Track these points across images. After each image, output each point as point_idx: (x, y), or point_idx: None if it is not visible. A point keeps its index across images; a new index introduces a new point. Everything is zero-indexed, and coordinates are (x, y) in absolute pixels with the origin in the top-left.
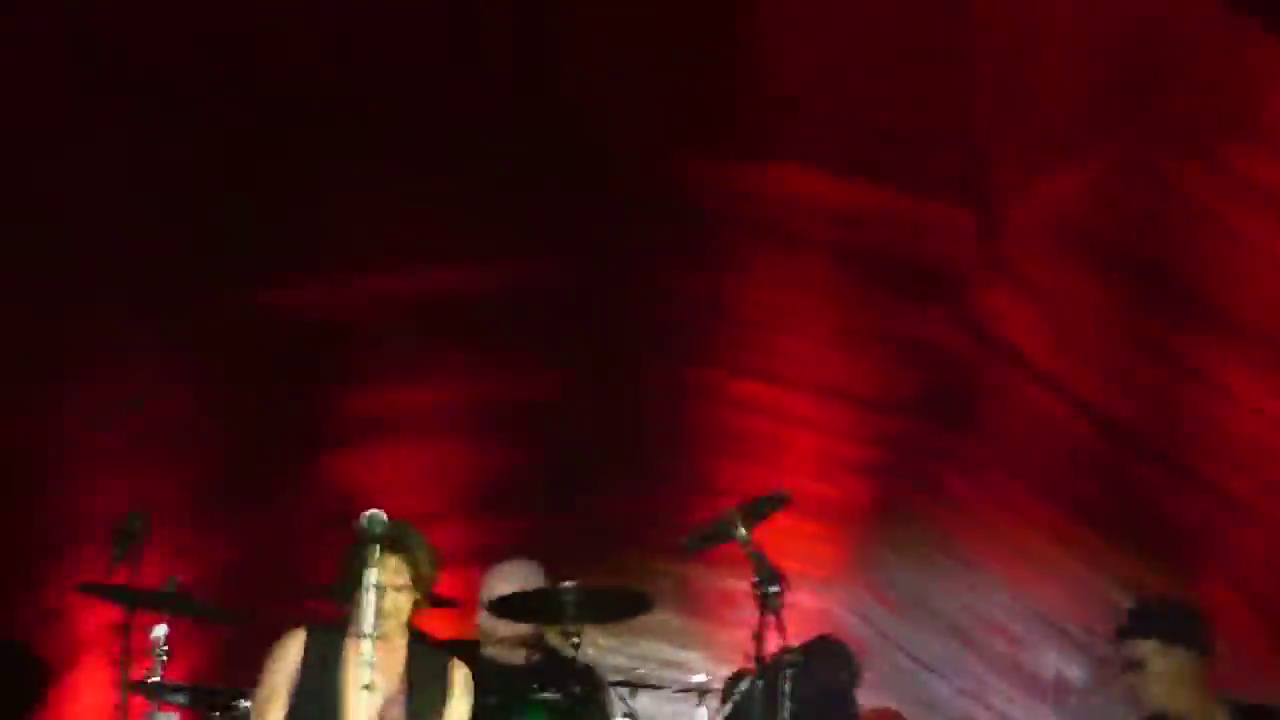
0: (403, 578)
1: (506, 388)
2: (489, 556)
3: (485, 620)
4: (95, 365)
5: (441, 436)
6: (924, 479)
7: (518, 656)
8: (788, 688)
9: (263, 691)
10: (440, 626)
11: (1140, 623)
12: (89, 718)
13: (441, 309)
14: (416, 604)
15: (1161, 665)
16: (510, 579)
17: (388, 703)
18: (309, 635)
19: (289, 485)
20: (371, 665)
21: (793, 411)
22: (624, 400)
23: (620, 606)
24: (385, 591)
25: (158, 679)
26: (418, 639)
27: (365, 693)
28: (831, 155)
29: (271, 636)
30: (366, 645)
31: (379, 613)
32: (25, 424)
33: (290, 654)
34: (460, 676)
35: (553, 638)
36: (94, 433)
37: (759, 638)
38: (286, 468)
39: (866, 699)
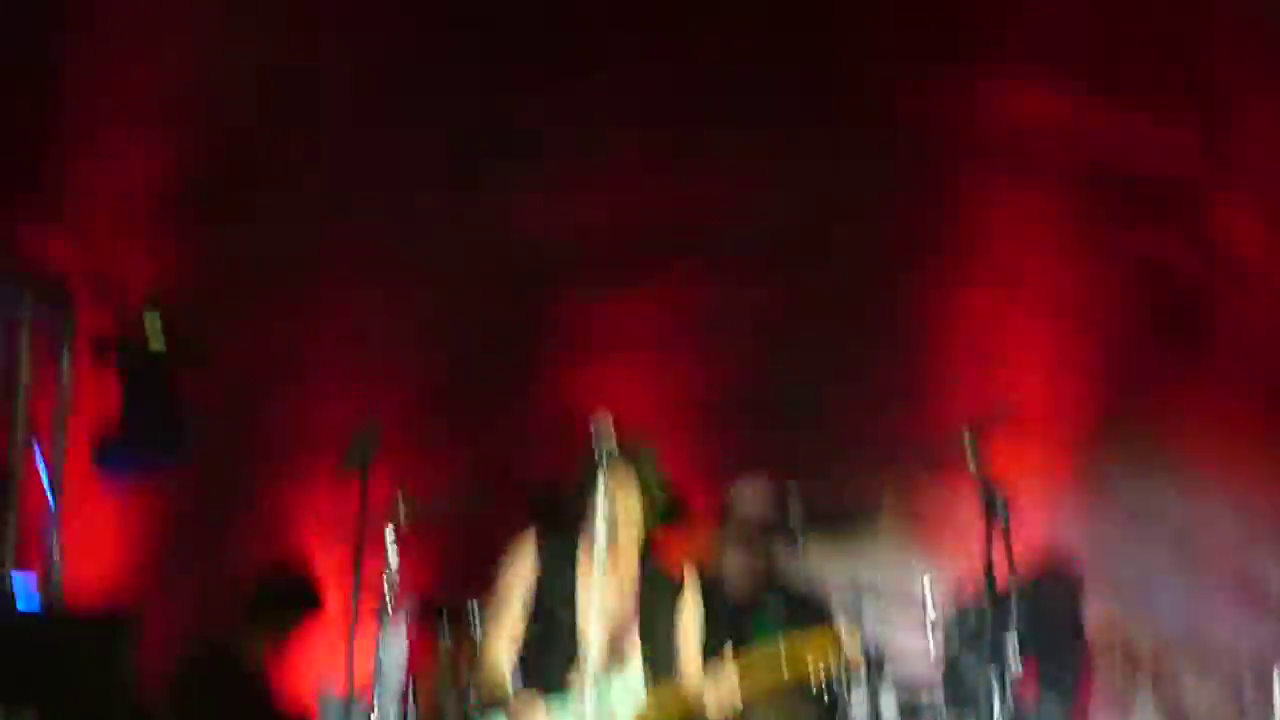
0: (632, 485)
1: (734, 301)
2: (716, 472)
3: (720, 538)
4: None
5: (667, 350)
6: (1151, 394)
7: (749, 576)
8: (1014, 609)
9: (497, 599)
10: (671, 544)
11: None
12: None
13: (668, 222)
14: (646, 516)
15: None
16: (746, 499)
17: (620, 612)
18: (541, 542)
19: (514, 400)
20: (603, 571)
21: (1022, 327)
22: (852, 314)
23: (849, 523)
24: (616, 498)
25: (388, 596)
26: (647, 553)
27: (598, 600)
28: (1063, 73)
29: (501, 547)
30: (600, 551)
31: (609, 519)
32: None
33: (523, 560)
34: (690, 580)
35: (783, 559)
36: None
37: (987, 557)
38: (511, 382)
39: (1091, 613)
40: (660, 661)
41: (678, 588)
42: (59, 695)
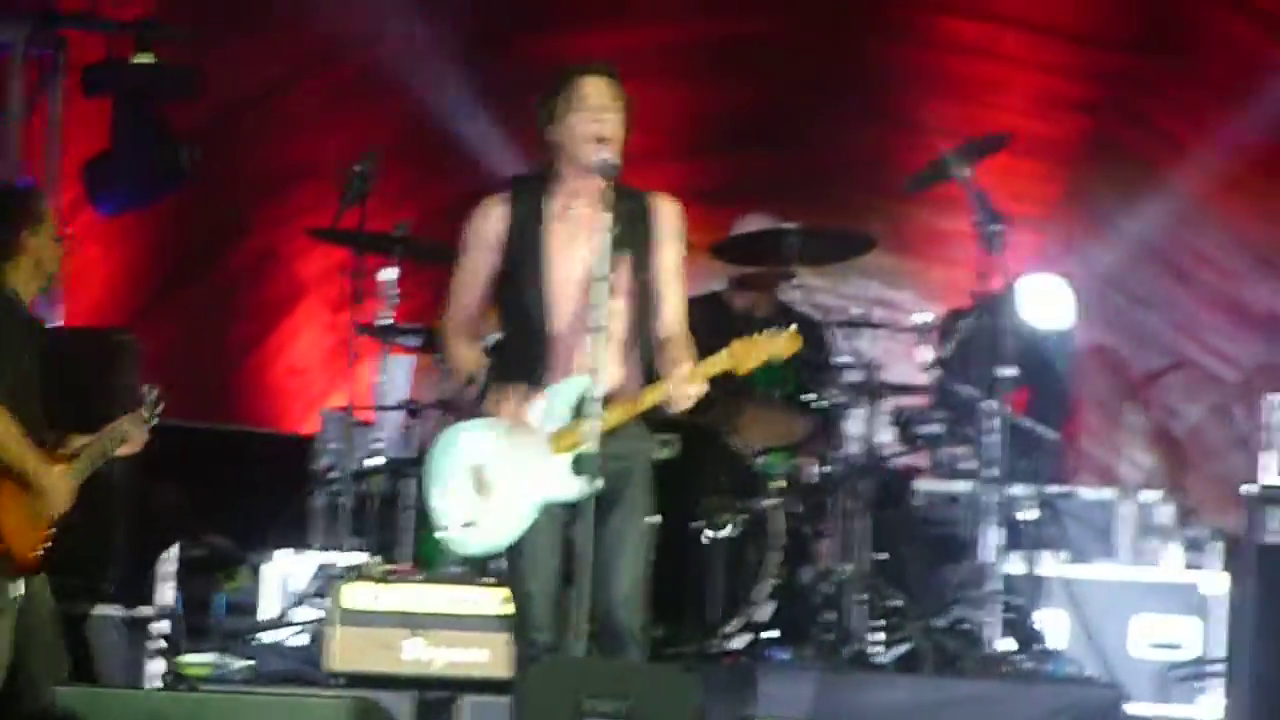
0: (611, 98)
1: (725, 26)
2: (709, 197)
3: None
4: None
5: (659, 76)
6: (1141, 116)
7: (748, 306)
8: (1008, 324)
9: (459, 273)
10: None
11: None
12: (310, 358)
13: None
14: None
15: None
16: (750, 228)
17: (596, 259)
18: (507, 202)
19: (503, 130)
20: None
21: (1011, 51)
22: (844, 41)
23: (841, 247)
24: (599, 112)
25: (389, 321)
26: (619, 188)
27: (572, 249)
28: None
29: None
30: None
31: (599, 139)
32: (244, 69)
33: (489, 225)
34: (668, 215)
35: (782, 292)
36: (312, 77)
37: (982, 276)
38: (500, 113)
39: (1081, 335)
40: (641, 341)
41: (652, 220)
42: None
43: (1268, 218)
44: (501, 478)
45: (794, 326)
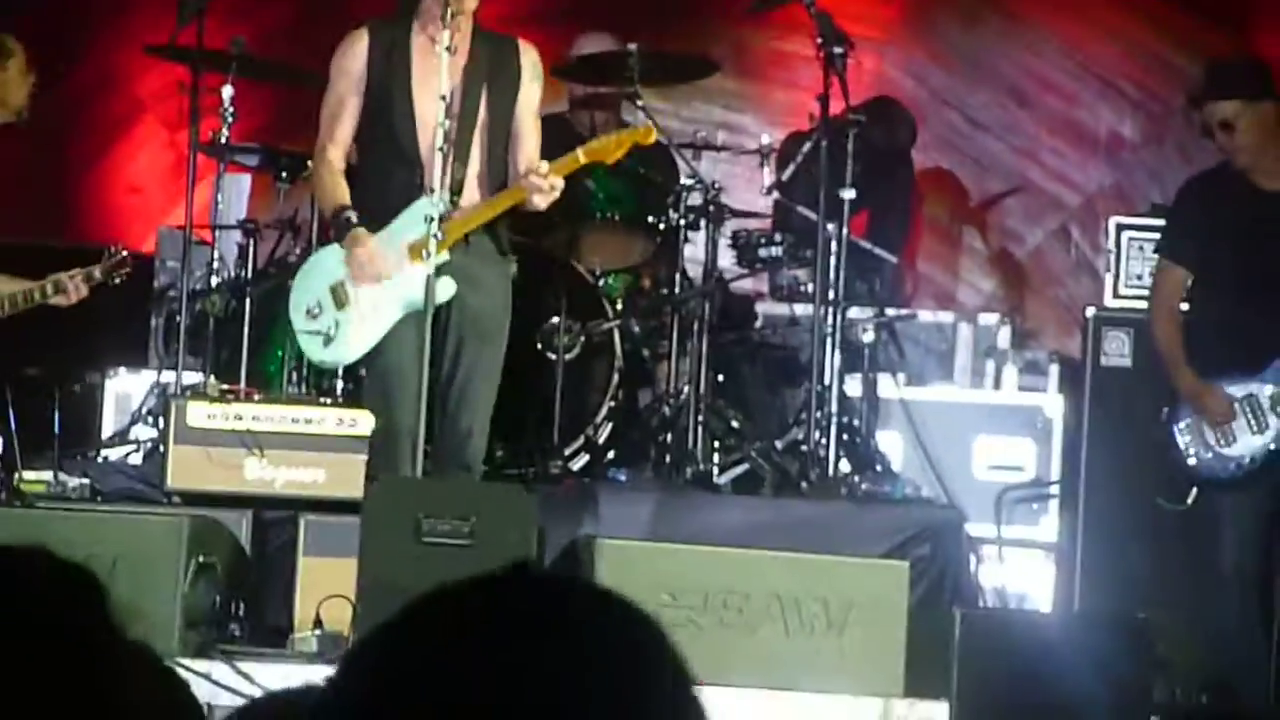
0: None
1: None
2: (550, 17)
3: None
4: None
5: None
6: None
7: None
8: (850, 147)
9: (328, 104)
10: None
11: (1223, 83)
12: (148, 176)
13: None
14: None
15: (1250, 119)
16: (590, 48)
17: (459, 96)
18: (372, 33)
19: None
20: (449, 49)
21: None
22: None
23: (684, 69)
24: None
25: (225, 139)
26: (483, 32)
27: (435, 81)
28: None
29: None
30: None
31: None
32: None
33: (354, 56)
34: (529, 60)
35: (627, 113)
36: None
37: (824, 99)
38: None
39: (921, 159)
40: (495, 162)
41: (515, 61)
42: None
43: (1109, 40)
44: (360, 290)
45: (648, 120)
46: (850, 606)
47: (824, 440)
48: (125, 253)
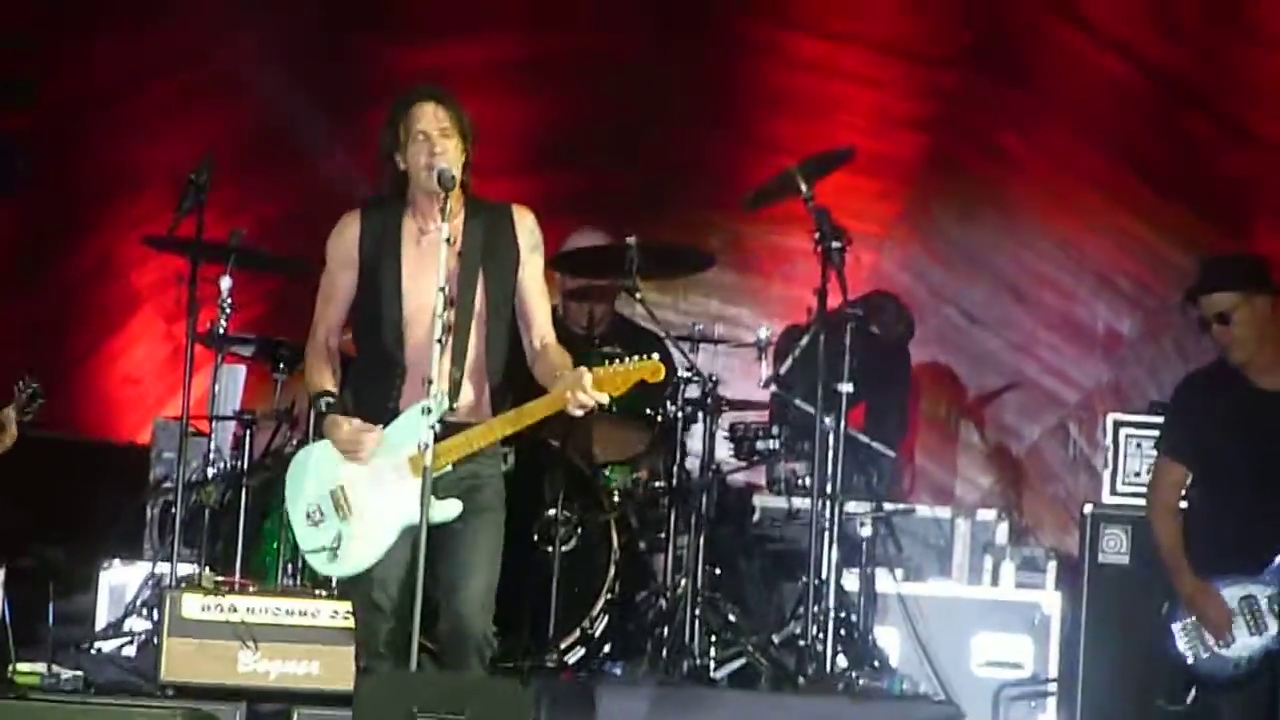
0: (447, 123)
1: (563, 42)
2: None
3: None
4: (149, 15)
5: (496, 92)
6: (978, 135)
7: (587, 322)
8: (847, 341)
9: (322, 286)
10: None
11: (1220, 276)
12: (145, 367)
13: None
14: (466, 159)
15: (1246, 312)
16: (581, 242)
17: (456, 273)
18: (364, 218)
19: (344, 139)
20: (448, 241)
21: (849, 68)
22: (684, 56)
23: (681, 263)
24: (434, 139)
25: (223, 329)
26: (476, 201)
27: (429, 273)
28: None
29: None
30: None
31: (433, 168)
32: (78, 76)
33: (345, 241)
34: (527, 228)
35: (621, 305)
36: (150, 83)
37: (821, 293)
38: (342, 121)
39: (918, 354)
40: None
41: (512, 232)
42: None
43: (1105, 236)
44: (362, 501)
45: (655, 356)
46: None
47: (821, 635)
48: (35, 384)
